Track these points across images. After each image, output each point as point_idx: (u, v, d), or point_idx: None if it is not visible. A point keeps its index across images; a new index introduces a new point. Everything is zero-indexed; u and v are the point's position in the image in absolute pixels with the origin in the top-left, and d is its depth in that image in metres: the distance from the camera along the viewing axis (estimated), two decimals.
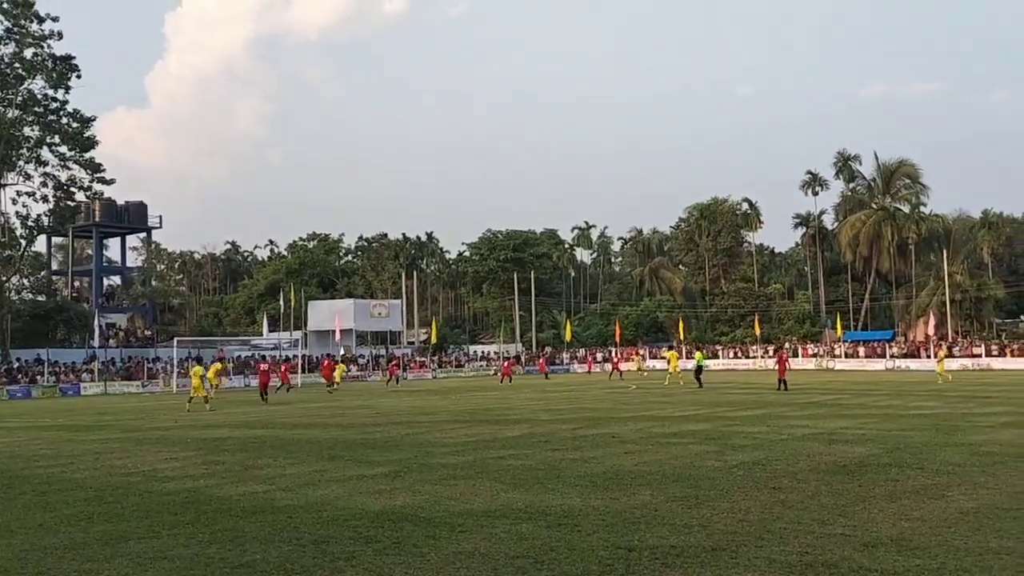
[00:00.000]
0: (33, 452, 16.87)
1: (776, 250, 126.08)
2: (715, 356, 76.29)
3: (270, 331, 76.90)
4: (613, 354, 67.84)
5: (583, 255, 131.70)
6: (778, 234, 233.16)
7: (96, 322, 61.76)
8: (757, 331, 75.67)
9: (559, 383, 46.95)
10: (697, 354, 40.37)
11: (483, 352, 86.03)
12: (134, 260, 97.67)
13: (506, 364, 60.63)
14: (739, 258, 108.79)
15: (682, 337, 79.69)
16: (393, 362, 54.40)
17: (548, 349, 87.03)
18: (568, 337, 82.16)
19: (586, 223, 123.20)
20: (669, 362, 44.00)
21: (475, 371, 74.19)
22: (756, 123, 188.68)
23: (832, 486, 10.51)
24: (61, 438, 20.08)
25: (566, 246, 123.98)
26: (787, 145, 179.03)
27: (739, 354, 76.78)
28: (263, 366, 41.41)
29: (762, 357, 73.87)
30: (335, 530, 8.48)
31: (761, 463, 12.58)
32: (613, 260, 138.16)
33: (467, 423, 21.09)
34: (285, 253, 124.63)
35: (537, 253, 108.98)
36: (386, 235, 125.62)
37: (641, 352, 71.15)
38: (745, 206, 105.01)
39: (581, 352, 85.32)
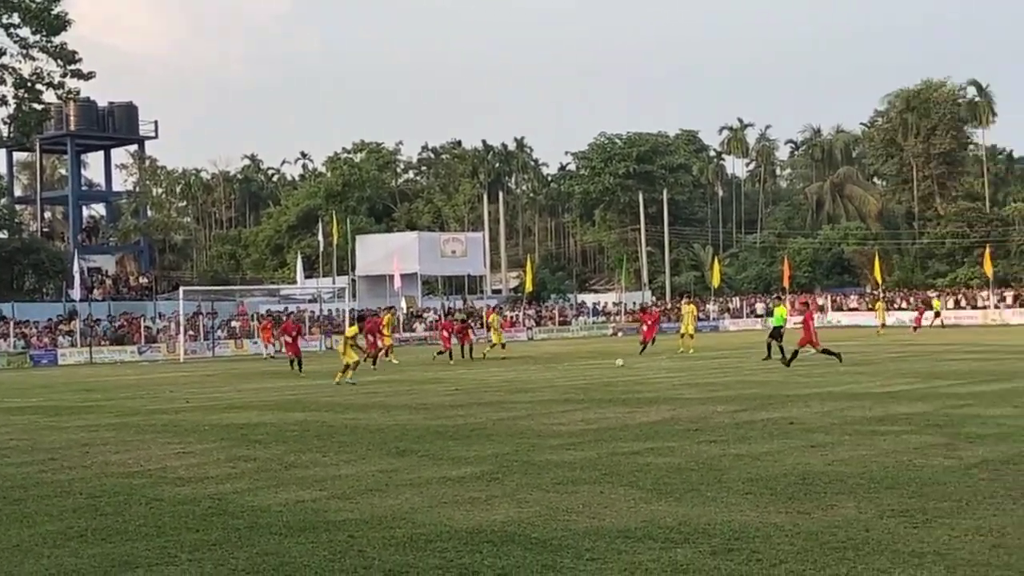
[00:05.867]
0: (1, 444, 17.46)
1: (1016, 154, 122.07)
2: (927, 307, 74.78)
3: (305, 276, 78.15)
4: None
5: (736, 166, 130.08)
6: (1020, 131, 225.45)
7: (75, 266, 63.58)
8: (988, 270, 73.64)
9: (706, 346, 46.54)
10: (777, 308, 38.18)
11: (597, 303, 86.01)
12: (123, 182, 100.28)
13: (646, 315, 53.88)
14: (962, 166, 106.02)
15: (879, 280, 78.15)
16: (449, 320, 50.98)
17: (687, 299, 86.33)
18: (715, 281, 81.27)
19: (740, 121, 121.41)
20: (683, 320, 44.16)
21: (587, 329, 74.25)
22: None
23: None
24: (37, 424, 20.79)
25: (711, 154, 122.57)
26: None
27: (964, 303, 75.10)
28: None
29: (996, 307, 72.20)
30: (415, 556, 8.47)
31: (1013, 461, 12.21)
32: (779, 173, 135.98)
33: (583, 403, 21.05)
34: (323, 170, 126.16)
35: (671, 165, 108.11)
36: (460, 143, 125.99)
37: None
38: (971, 92, 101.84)
39: (735, 302, 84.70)
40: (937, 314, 65.26)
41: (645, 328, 43.07)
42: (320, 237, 75.48)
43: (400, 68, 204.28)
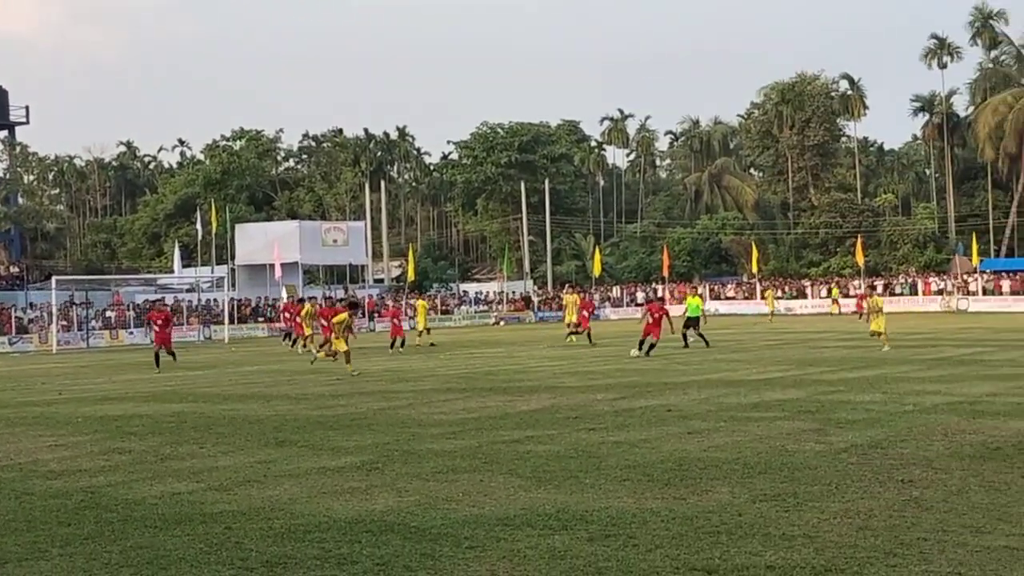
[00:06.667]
0: None
1: (887, 146, 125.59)
2: (802, 295, 76.45)
3: (184, 266, 76.93)
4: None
5: (616, 157, 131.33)
6: (889, 124, 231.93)
7: None
8: (860, 259, 75.60)
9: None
10: (689, 298, 37.49)
11: (480, 292, 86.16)
12: None
13: (584, 302, 43.23)
14: (835, 158, 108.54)
15: (755, 269, 79.63)
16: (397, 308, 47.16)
17: (570, 289, 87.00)
18: (596, 270, 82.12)
19: (621, 112, 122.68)
20: (564, 308, 40.28)
21: (469, 319, 74.45)
22: None
23: (984, 477, 10.48)
24: None
25: (592, 144, 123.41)
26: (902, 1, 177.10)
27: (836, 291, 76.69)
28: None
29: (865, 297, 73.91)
30: (293, 547, 8.43)
31: (880, 446, 12.57)
32: (659, 163, 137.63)
33: (464, 392, 21.13)
34: (202, 157, 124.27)
35: (553, 155, 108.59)
36: (341, 131, 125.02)
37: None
38: (844, 85, 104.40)
39: (616, 291, 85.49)
40: (835, 301, 68.03)
41: (584, 314, 40.81)
42: (199, 226, 74.32)
43: (281, 55, 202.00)
